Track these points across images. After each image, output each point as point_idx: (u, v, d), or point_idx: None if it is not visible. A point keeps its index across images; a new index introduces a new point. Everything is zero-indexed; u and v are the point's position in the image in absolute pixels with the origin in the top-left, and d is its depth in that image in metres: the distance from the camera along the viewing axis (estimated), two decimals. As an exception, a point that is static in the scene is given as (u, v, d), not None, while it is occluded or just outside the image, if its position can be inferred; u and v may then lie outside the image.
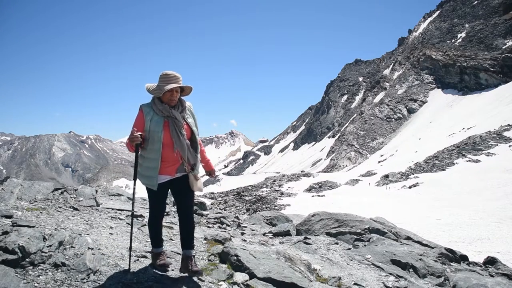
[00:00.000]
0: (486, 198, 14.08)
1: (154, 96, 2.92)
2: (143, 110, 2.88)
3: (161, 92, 2.84)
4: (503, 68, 50.51)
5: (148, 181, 2.90)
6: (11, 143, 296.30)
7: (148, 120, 2.86)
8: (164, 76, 2.88)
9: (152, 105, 2.89)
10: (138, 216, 5.51)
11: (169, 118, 2.88)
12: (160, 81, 2.88)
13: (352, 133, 62.93)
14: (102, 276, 2.84)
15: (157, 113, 2.87)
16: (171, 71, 2.88)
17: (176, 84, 2.87)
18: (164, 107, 2.88)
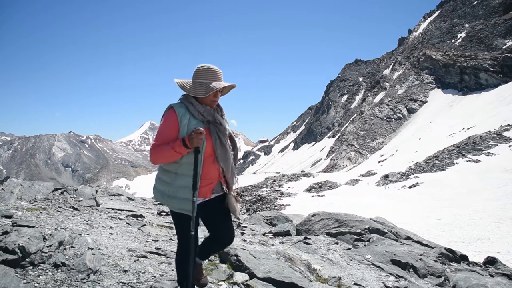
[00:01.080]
0: (486, 198, 14.07)
1: (187, 95, 2.32)
2: (176, 111, 2.22)
3: (208, 91, 2.24)
4: (503, 68, 50.50)
5: (183, 205, 2.22)
6: (11, 143, 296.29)
7: (184, 125, 2.20)
8: (208, 71, 2.28)
9: (189, 106, 2.26)
10: (138, 216, 5.51)
11: (211, 123, 2.30)
12: (202, 77, 2.27)
13: (352, 133, 62.92)
14: (102, 276, 2.84)
15: (196, 117, 2.25)
16: (213, 65, 2.31)
17: (224, 82, 2.32)
18: (207, 110, 2.29)
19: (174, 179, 2.25)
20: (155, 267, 3.25)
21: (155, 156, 2.17)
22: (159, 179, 2.34)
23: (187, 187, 2.21)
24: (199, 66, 2.31)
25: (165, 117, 2.25)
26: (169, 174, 2.27)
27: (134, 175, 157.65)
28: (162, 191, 2.29)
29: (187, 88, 2.30)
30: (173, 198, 2.25)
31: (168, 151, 2.13)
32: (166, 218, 6.18)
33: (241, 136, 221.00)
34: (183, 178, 2.24)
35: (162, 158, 2.18)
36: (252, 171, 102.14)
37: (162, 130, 2.22)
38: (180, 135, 2.20)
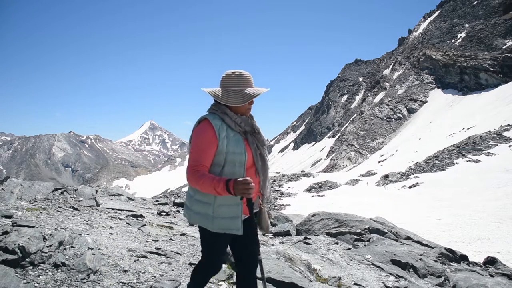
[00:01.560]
0: (486, 198, 14.08)
1: (219, 104, 2.09)
2: (213, 123, 1.98)
3: (245, 99, 2.03)
4: (503, 68, 50.53)
5: (229, 225, 2.01)
6: (11, 143, 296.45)
7: (223, 138, 1.98)
8: (242, 78, 2.07)
9: (224, 117, 2.04)
10: (138, 216, 5.51)
11: (249, 134, 2.10)
12: (236, 84, 2.06)
13: (352, 133, 62.93)
14: (102, 276, 2.84)
15: (233, 128, 2.04)
16: (244, 71, 2.10)
17: (258, 88, 2.12)
18: (244, 120, 2.09)
19: (214, 198, 2.00)
20: (155, 267, 3.25)
21: (194, 183, 1.93)
22: (196, 201, 2.06)
23: (231, 205, 2.01)
24: (230, 73, 2.09)
25: (199, 131, 1.99)
26: (209, 194, 1.99)
27: (134, 175, 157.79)
28: (203, 213, 2.03)
29: (222, 97, 2.06)
30: (215, 219, 2.01)
31: (209, 187, 1.87)
32: (166, 218, 6.18)
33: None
34: (227, 196, 1.94)
35: (200, 188, 1.93)
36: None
37: (199, 147, 1.96)
38: (220, 148, 1.97)
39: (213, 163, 2.00)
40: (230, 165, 2.00)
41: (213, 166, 2.00)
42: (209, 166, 1.98)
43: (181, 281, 2.98)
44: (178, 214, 6.81)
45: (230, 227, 2.00)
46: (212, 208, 2.01)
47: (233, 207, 2.01)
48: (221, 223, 2.00)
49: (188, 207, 2.11)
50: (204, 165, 1.95)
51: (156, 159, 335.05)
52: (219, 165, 2.00)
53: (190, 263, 3.51)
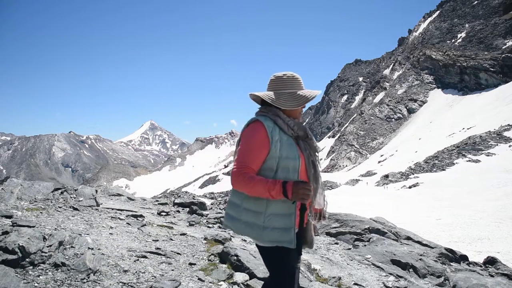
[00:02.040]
0: (486, 198, 14.08)
1: (270, 106, 1.98)
2: (265, 125, 1.86)
3: (300, 102, 1.95)
4: (503, 68, 50.53)
5: (281, 236, 1.83)
6: (11, 143, 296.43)
7: (276, 142, 1.85)
8: (295, 80, 1.98)
9: (276, 119, 1.92)
10: (138, 216, 5.51)
11: (301, 139, 1.98)
12: (289, 87, 1.97)
13: (352, 133, 62.93)
14: (102, 276, 2.84)
15: (285, 131, 1.92)
16: (294, 72, 2.02)
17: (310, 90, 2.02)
18: (298, 124, 1.97)
19: (266, 207, 1.84)
20: (155, 267, 3.25)
21: (242, 185, 1.78)
22: (245, 210, 1.88)
23: (283, 214, 1.84)
24: (281, 75, 1.99)
25: (250, 132, 1.87)
26: (259, 201, 1.84)
27: (134, 175, 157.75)
28: (252, 223, 1.86)
29: (276, 100, 1.94)
30: (265, 229, 1.84)
31: (262, 189, 1.74)
32: (166, 218, 6.18)
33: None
34: (278, 204, 1.84)
35: (249, 191, 1.79)
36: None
37: (248, 148, 1.83)
38: (272, 152, 1.84)
39: (264, 168, 1.86)
40: (283, 170, 1.85)
41: (264, 170, 1.86)
42: (256, 169, 1.84)
43: (181, 281, 2.98)
44: (178, 214, 6.81)
45: (282, 239, 1.83)
46: (263, 218, 1.84)
47: (286, 217, 1.84)
48: (272, 235, 1.83)
49: (235, 218, 1.92)
50: (251, 167, 1.81)
51: (156, 159, 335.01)
52: (271, 170, 1.86)
53: (190, 263, 3.51)
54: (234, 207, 1.95)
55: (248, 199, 1.87)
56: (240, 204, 1.91)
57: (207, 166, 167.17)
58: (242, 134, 1.92)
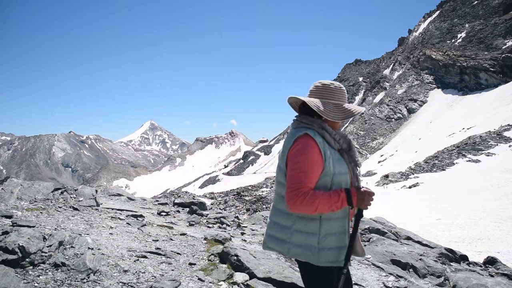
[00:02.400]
0: (486, 198, 14.07)
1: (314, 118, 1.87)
2: (317, 141, 1.77)
3: (346, 116, 1.87)
4: (503, 68, 50.52)
5: (338, 256, 1.80)
6: (11, 143, 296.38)
7: (328, 158, 1.77)
8: (342, 91, 1.92)
9: (323, 133, 1.81)
10: (138, 216, 5.51)
11: (344, 151, 1.90)
12: (335, 98, 1.89)
13: (352, 133, 62.93)
14: (102, 276, 2.84)
15: (332, 145, 1.83)
16: (338, 83, 1.95)
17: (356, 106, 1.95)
18: (343, 136, 1.90)
19: (319, 227, 1.78)
20: (155, 267, 3.25)
21: (306, 206, 1.68)
22: (297, 232, 1.80)
23: (337, 233, 1.80)
24: (328, 83, 1.91)
25: (303, 149, 1.75)
26: (313, 221, 1.78)
27: (134, 175, 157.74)
28: (307, 245, 1.78)
29: (324, 110, 1.84)
30: (321, 250, 1.77)
31: (326, 205, 1.68)
32: (166, 218, 6.18)
33: (241, 136, 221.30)
34: (331, 223, 1.79)
35: (313, 211, 1.70)
36: (252, 171, 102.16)
37: (303, 167, 1.72)
38: (326, 168, 1.76)
39: (318, 186, 1.76)
40: (336, 187, 1.78)
41: (318, 189, 1.75)
42: (313, 188, 1.74)
43: (181, 281, 2.98)
44: (178, 214, 6.81)
45: (338, 258, 1.79)
46: (317, 239, 1.77)
47: (340, 235, 1.81)
48: (328, 255, 1.77)
49: (284, 240, 1.83)
50: (310, 187, 1.72)
51: (156, 159, 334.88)
52: (325, 188, 1.77)
53: (190, 263, 3.51)
54: (282, 229, 1.85)
55: (300, 220, 1.80)
56: (290, 226, 1.82)
57: (207, 166, 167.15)
58: (293, 151, 1.78)
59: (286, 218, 1.84)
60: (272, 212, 1.94)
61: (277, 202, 1.91)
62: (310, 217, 1.78)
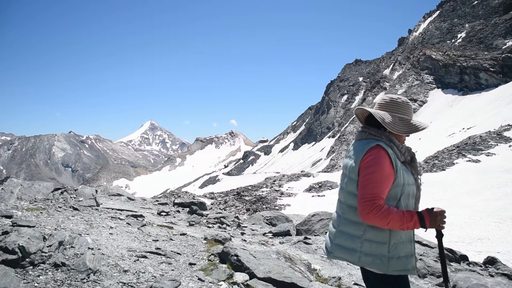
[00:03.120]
0: (486, 198, 14.07)
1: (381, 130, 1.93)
2: (389, 152, 1.83)
3: (411, 130, 1.95)
4: (503, 68, 50.50)
5: (406, 264, 1.86)
6: (11, 143, 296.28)
7: (399, 170, 1.83)
8: (408, 106, 2.00)
9: (392, 146, 1.88)
10: (138, 216, 5.51)
11: (407, 163, 1.96)
12: (401, 112, 1.96)
13: (352, 133, 62.92)
14: (102, 276, 2.84)
15: (399, 158, 1.89)
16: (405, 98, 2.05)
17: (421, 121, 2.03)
18: (408, 149, 1.96)
19: (389, 236, 1.83)
20: (155, 267, 3.24)
21: (378, 219, 1.72)
22: (367, 241, 1.85)
23: (405, 242, 1.88)
24: (395, 98, 1.99)
25: (376, 160, 1.79)
26: (383, 231, 1.83)
27: (134, 175, 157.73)
28: (377, 254, 1.83)
29: (388, 122, 1.91)
30: (391, 259, 1.83)
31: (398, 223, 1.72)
32: (166, 218, 6.18)
33: (241, 136, 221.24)
34: (399, 232, 1.84)
35: (385, 225, 1.74)
36: (252, 171, 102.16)
37: (377, 178, 1.76)
38: (397, 182, 1.81)
39: (388, 197, 1.81)
40: (405, 198, 1.86)
41: (388, 200, 1.81)
42: (385, 199, 1.79)
43: (181, 281, 2.98)
44: (178, 214, 6.81)
45: (406, 266, 1.85)
46: (387, 248, 1.82)
47: (407, 244, 1.88)
48: (398, 264, 1.83)
49: (353, 249, 1.88)
50: (383, 198, 1.77)
51: (156, 159, 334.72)
52: (394, 199, 1.83)
53: (190, 263, 3.51)
54: (351, 238, 1.90)
55: (371, 230, 1.84)
56: (360, 236, 1.87)
57: (207, 166, 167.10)
58: (366, 161, 1.82)
59: (356, 227, 1.88)
60: (339, 221, 1.97)
61: (345, 212, 1.94)
62: (375, 227, 1.82)
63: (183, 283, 2.95)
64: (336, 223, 1.99)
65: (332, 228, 2.04)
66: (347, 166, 1.95)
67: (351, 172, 1.90)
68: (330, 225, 2.09)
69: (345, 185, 1.96)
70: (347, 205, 1.93)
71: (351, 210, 1.90)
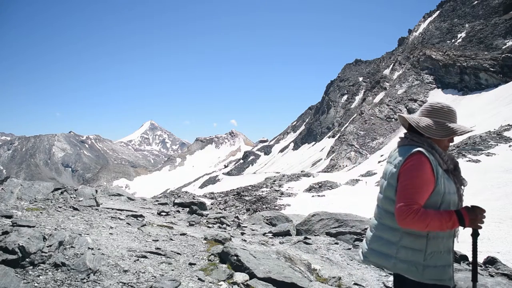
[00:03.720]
0: (486, 198, 14.07)
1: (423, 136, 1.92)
2: (430, 159, 1.81)
3: (448, 133, 1.90)
4: (503, 68, 50.52)
5: (442, 274, 1.83)
6: (11, 143, 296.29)
7: (440, 177, 1.82)
8: (450, 112, 1.94)
9: (433, 153, 1.85)
10: (138, 216, 5.51)
11: (450, 172, 1.93)
12: (440, 116, 1.92)
13: (352, 133, 62.94)
14: (102, 276, 2.84)
15: (441, 165, 1.86)
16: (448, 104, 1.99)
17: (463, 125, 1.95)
18: (451, 157, 1.93)
19: (426, 244, 1.82)
20: (155, 267, 3.25)
21: (417, 223, 1.70)
22: (403, 248, 1.83)
23: (442, 252, 1.84)
24: (434, 103, 1.96)
25: (417, 166, 1.78)
26: (420, 238, 1.82)
27: (134, 175, 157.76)
28: (413, 261, 1.81)
29: (422, 126, 1.90)
30: (426, 268, 1.81)
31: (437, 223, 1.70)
32: (166, 218, 6.19)
33: (241, 136, 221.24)
34: (437, 241, 1.82)
35: (423, 228, 1.73)
36: (252, 171, 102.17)
37: (416, 184, 1.76)
38: (438, 188, 1.80)
39: (427, 205, 1.79)
40: (445, 207, 1.83)
41: (426, 207, 1.78)
42: (422, 205, 1.77)
43: (181, 281, 2.98)
44: (178, 214, 6.81)
45: (443, 277, 1.82)
46: (423, 256, 1.81)
47: (445, 254, 1.85)
48: (434, 273, 1.81)
49: (389, 255, 1.87)
50: (420, 204, 1.75)
51: (156, 159, 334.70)
52: (434, 207, 1.81)
53: (190, 263, 3.51)
54: (387, 244, 1.89)
55: (408, 236, 1.83)
56: (396, 242, 1.86)
57: (207, 166, 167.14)
58: (406, 167, 1.82)
59: (393, 233, 1.87)
60: (376, 226, 1.97)
61: (382, 217, 1.94)
62: (418, 234, 1.81)
63: (183, 283, 2.95)
64: (374, 228, 1.99)
65: (369, 232, 2.03)
66: (387, 171, 1.95)
67: (390, 177, 1.90)
68: (368, 230, 2.08)
69: (383, 190, 1.95)
70: (384, 210, 1.93)
71: (388, 216, 1.89)
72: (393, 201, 1.85)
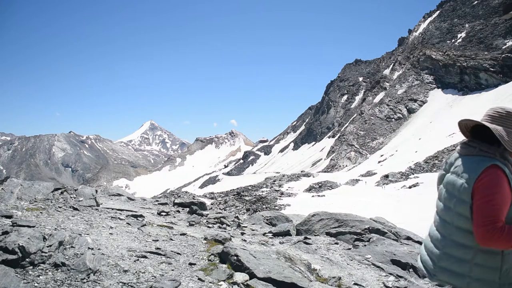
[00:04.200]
0: (486, 198, 14.09)
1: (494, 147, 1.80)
2: (506, 172, 1.72)
3: None
4: (503, 68, 50.51)
5: None
6: (11, 143, 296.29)
7: None
8: None
9: (507, 164, 1.76)
10: (138, 216, 5.51)
11: None
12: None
13: (352, 133, 62.94)
14: (102, 276, 2.84)
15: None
16: None
17: None
18: None
19: (501, 261, 1.75)
20: (155, 267, 3.25)
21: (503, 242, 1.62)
22: (478, 266, 1.77)
23: None
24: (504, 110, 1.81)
25: (496, 182, 1.68)
26: (495, 255, 1.75)
27: (134, 175, 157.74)
28: (487, 279, 1.76)
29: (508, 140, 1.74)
30: (502, 286, 1.76)
31: None
32: (166, 218, 6.19)
33: (241, 136, 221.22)
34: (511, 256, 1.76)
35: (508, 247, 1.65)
36: (252, 171, 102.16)
37: (497, 201, 1.66)
38: None
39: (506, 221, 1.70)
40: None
41: None
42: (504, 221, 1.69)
43: (181, 281, 2.98)
44: (178, 214, 6.81)
45: None
46: (498, 274, 1.74)
47: None
48: None
49: (461, 274, 1.81)
50: (503, 221, 1.67)
51: (156, 159, 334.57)
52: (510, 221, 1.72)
53: (190, 263, 3.51)
54: (459, 262, 1.82)
55: (482, 254, 1.76)
56: (469, 260, 1.78)
57: (207, 166, 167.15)
58: (483, 182, 1.71)
59: (465, 251, 1.80)
60: (445, 243, 1.88)
61: (452, 234, 1.85)
62: (492, 251, 1.74)
63: (183, 283, 2.95)
64: (440, 244, 1.90)
65: (434, 248, 1.95)
66: (456, 185, 1.83)
67: (462, 193, 1.78)
68: (430, 244, 2.00)
69: (453, 206, 1.84)
70: (455, 227, 1.83)
71: (460, 232, 1.81)
72: (467, 219, 1.77)
